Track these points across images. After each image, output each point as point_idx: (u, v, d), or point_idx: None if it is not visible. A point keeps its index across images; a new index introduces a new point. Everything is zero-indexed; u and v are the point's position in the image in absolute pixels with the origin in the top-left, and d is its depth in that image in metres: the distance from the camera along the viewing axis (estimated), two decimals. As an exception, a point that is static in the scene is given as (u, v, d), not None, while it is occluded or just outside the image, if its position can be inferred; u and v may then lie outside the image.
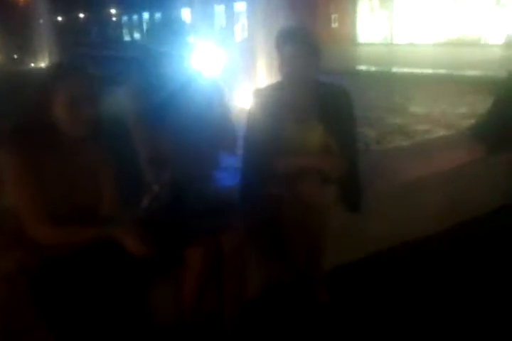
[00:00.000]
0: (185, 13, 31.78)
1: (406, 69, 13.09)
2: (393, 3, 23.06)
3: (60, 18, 45.80)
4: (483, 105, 8.03)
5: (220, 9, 23.23)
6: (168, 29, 2.17)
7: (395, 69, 13.55)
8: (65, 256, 1.75)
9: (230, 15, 25.69)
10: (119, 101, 2.14)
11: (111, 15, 48.36)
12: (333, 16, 24.26)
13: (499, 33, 19.16)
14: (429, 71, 12.93)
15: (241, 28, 25.91)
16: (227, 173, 2.56)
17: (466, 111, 7.94)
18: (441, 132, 6.31)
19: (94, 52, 23.97)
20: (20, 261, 1.76)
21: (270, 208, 2.33)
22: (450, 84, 10.80)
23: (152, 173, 2.19)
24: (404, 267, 2.93)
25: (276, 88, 2.56)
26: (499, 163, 3.73)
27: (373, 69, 14.31)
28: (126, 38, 43.44)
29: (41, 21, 23.07)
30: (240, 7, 24.80)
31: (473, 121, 4.40)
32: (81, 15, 51.69)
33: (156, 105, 2.11)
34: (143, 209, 2.18)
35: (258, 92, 2.59)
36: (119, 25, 45.38)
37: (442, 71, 12.78)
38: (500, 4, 18.95)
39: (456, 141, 3.98)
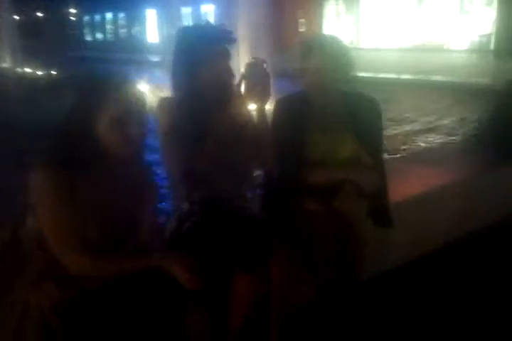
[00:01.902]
0: (150, 14, 31.42)
1: (371, 74, 13.18)
2: (359, 9, 23.29)
3: (17, 17, 44.52)
4: (448, 110, 8.29)
5: (186, 11, 22.95)
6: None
7: (360, 74, 13.56)
8: (101, 289, 1.56)
9: (197, 18, 25.45)
10: (155, 112, 1.97)
11: (71, 14, 47.35)
12: (300, 21, 24.31)
13: (463, 39, 19.56)
14: (394, 76, 13.07)
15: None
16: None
17: (432, 117, 8.03)
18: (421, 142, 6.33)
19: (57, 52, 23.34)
20: (53, 295, 1.54)
21: (303, 224, 2.20)
22: (415, 89, 10.90)
23: (183, 191, 2.03)
24: (426, 279, 2.86)
25: (301, 98, 2.44)
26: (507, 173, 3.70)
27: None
28: (88, 38, 42.56)
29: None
30: (208, 9, 24.60)
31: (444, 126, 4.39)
32: (40, 14, 50.45)
33: (194, 119, 1.95)
34: (172, 230, 2.02)
35: (281, 102, 2.46)
36: (80, 25, 44.40)
37: (407, 76, 12.95)
38: (463, 10, 19.35)
39: (463, 148, 3.96)
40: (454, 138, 6.37)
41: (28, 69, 17.06)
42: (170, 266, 1.56)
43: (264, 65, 1.97)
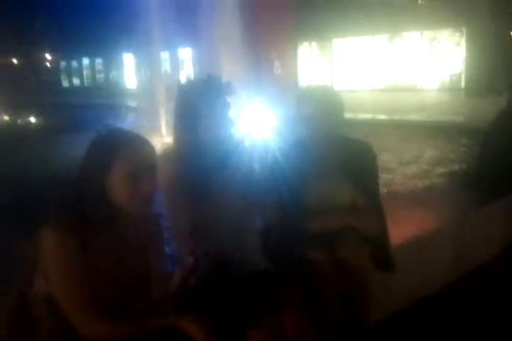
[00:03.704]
0: (128, 59, 31.80)
1: (347, 115, 13.34)
2: (332, 51, 23.97)
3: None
4: (426, 150, 8.44)
5: (164, 55, 23.32)
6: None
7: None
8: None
9: (175, 62, 25.87)
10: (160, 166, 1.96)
11: (46, 60, 47.67)
12: (275, 63, 24.87)
13: (434, 78, 20.18)
14: (369, 116, 13.30)
15: (186, 74, 26.11)
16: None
17: (410, 157, 8.15)
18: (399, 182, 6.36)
19: (35, 99, 23.35)
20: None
21: (306, 273, 2.18)
22: (389, 128, 11.10)
23: (187, 245, 2.00)
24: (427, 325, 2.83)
25: (296, 145, 2.47)
26: (497, 209, 3.76)
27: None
28: (65, 84, 42.73)
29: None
30: (185, 54, 25.07)
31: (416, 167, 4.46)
32: (14, 60, 50.67)
33: (196, 172, 1.95)
34: (178, 285, 1.98)
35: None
36: (56, 70, 44.65)
37: (382, 116, 13.18)
38: (433, 50, 20.05)
39: (449, 190, 4.02)
40: (436, 178, 6.45)
41: (4, 117, 16.97)
42: (186, 326, 1.51)
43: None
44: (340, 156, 2.43)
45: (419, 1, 19.02)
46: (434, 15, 18.10)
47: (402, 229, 3.06)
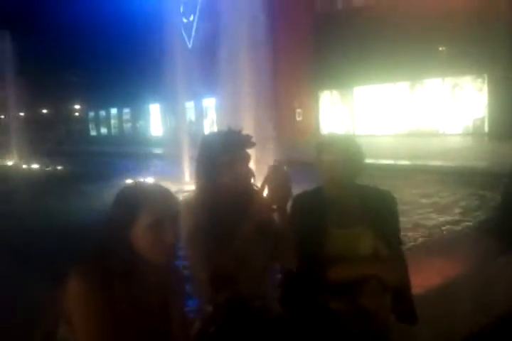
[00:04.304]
0: (154, 108, 32.68)
1: (369, 161, 13.25)
2: (353, 98, 24.29)
3: (22, 114, 46.12)
4: (449, 196, 8.34)
5: (189, 105, 23.93)
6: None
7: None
8: None
9: (199, 111, 26.49)
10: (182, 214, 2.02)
11: (75, 110, 49.16)
12: (297, 111, 25.28)
13: (457, 123, 20.21)
14: (391, 162, 13.21)
15: (210, 122, 26.65)
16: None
17: (432, 203, 8.07)
18: (421, 229, 6.29)
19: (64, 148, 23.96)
20: None
21: (326, 322, 2.17)
22: (413, 174, 11.00)
23: (207, 292, 2.04)
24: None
25: (317, 193, 2.51)
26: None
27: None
28: (93, 133, 43.84)
29: (3, 117, 23.15)
30: (209, 103, 25.68)
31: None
32: (44, 110, 52.30)
33: (217, 220, 2.01)
34: (197, 333, 2.00)
35: (299, 199, 2.52)
36: (85, 120, 45.93)
37: (405, 162, 13.10)
38: (455, 96, 20.19)
39: (471, 238, 3.97)
40: (460, 225, 6.38)
41: (34, 166, 17.42)
42: None
43: (285, 168, 2.07)
44: (361, 205, 2.45)
45: (440, 49, 19.29)
46: (455, 62, 18.36)
47: (423, 278, 3.03)
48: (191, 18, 27.99)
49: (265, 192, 2.06)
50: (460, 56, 18.03)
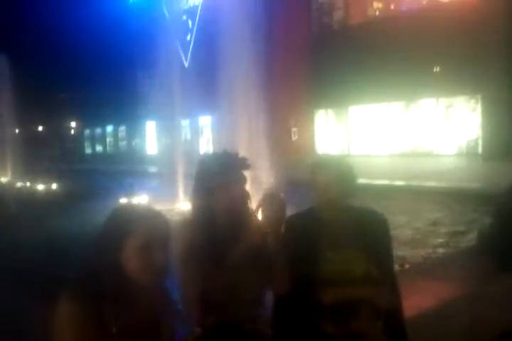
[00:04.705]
0: (150, 126, 32.73)
1: (364, 180, 13.30)
2: (348, 117, 24.40)
3: (17, 131, 46.12)
4: (444, 217, 8.32)
5: (185, 123, 24.03)
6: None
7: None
8: None
9: (195, 129, 26.58)
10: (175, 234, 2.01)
11: (71, 128, 49.21)
12: (292, 130, 25.39)
13: (451, 144, 20.30)
14: (386, 182, 13.21)
15: (206, 140, 26.73)
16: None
17: (426, 224, 8.05)
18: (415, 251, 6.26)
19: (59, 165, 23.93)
20: None
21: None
22: (408, 195, 10.96)
23: (196, 314, 2.02)
24: None
25: (310, 215, 2.50)
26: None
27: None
28: (88, 151, 43.85)
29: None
30: (205, 121, 25.81)
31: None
32: (40, 128, 52.33)
33: (211, 242, 2.00)
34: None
35: (292, 220, 2.51)
36: (80, 137, 45.99)
37: (399, 182, 13.09)
38: (449, 116, 20.32)
39: (465, 258, 3.96)
40: (454, 247, 6.37)
41: (28, 183, 17.37)
42: None
43: (282, 195, 2.08)
44: (354, 227, 2.44)
45: (434, 69, 19.49)
46: (449, 83, 18.52)
47: (417, 300, 3.01)
48: (188, 38, 28.31)
49: (259, 216, 2.06)
50: (454, 76, 18.20)
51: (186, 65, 24.72)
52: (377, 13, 24.05)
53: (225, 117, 12.52)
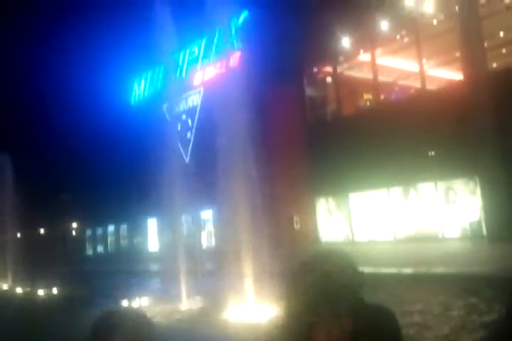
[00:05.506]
0: (151, 223, 32.65)
1: (370, 268, 12.87)
2: (349, 204, 24.42)
3: (18, 235, 45.90)
4: (459, 310, 7.88)
5: (186, 218, 24.04)
6: None
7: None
8: None
9: (197, 223, 26.51)
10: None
11: (72, 229, 49.06)
12: (294, 218, 25.35)
13: (454, 227, 20.12)
14: (393, 271, 12.82)
15: (207, 234, 26.59)
16: None
17: (435, 315, 7.73)
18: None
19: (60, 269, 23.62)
20: None
21: None
22: (416, 284, 10.65)
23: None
24: None
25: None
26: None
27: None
28: (89, 252, 43.39)
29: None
30: (207, 214, 25.84)
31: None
32: (41, 230, 52.17)
33: None
34: None
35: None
36: (82, 238, 45.76)
37: (406, 270, 12.69)
38: (450, 199, 20.32)
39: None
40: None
41: (28, 289, 17.05)
42: None
43: None
44: (358, 324, 2.32)
45: (429, 154, 19.86)
46: (445, 167, 18.79)
47: None
48: (188, 136, 29.24)
49: None
50: (449, 160, 18.51)
51: (187, 160, 25.26)
52: (367, 103, 25.03)
53: (225, 210, 12.56)
